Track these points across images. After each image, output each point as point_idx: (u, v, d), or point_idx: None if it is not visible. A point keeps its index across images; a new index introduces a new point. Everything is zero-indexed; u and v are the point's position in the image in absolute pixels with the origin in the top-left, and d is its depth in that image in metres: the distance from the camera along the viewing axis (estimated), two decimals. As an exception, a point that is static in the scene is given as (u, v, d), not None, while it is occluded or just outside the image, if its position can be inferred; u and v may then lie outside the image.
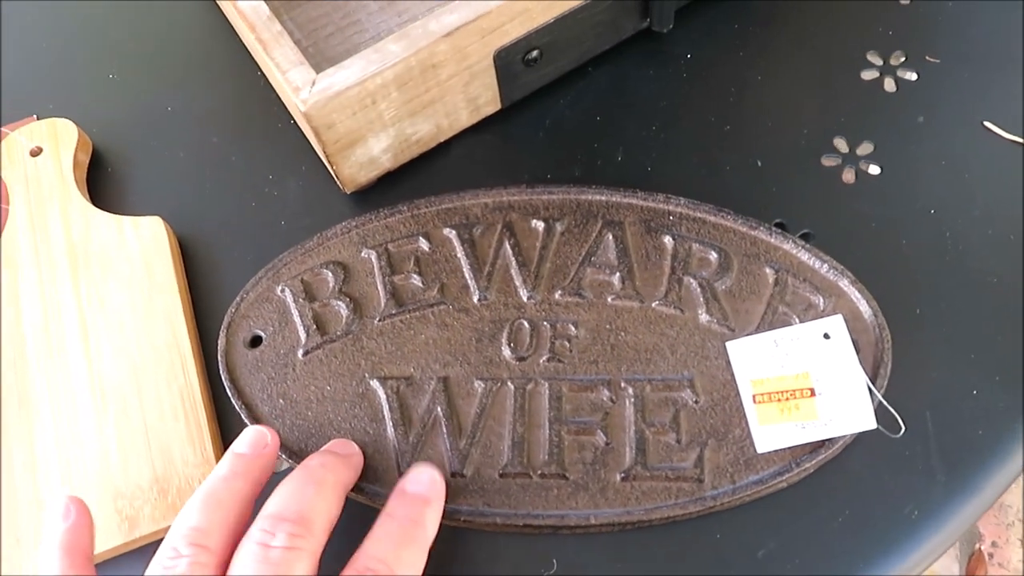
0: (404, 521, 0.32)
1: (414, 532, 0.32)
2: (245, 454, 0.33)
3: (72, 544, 0.31)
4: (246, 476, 0.32)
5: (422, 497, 0.33)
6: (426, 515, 0.32)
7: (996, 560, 1.09)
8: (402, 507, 0.32)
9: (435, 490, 0.33)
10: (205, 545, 0.30)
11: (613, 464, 0.35)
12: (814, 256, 0.38)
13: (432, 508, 0.33)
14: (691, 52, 0.46)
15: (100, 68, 0.49)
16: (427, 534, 0.32)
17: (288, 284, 0.40)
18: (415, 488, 0.33)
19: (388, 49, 0.37)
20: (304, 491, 0.31)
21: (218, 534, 0.30)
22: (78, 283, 0.41)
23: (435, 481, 0.34)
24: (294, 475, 0.32)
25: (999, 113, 0.42)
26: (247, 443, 0.34)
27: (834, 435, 0.34)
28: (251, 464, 0.33)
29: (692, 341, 0.37)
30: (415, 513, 0.32)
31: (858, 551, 0.34)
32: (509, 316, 0.38)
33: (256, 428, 0.34)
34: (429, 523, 0.32)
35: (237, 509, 0.31)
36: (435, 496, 0.33)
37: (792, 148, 0.43)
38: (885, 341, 0.36)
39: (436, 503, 0.33)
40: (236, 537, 0.30)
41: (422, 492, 0.33)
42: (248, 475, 0.32)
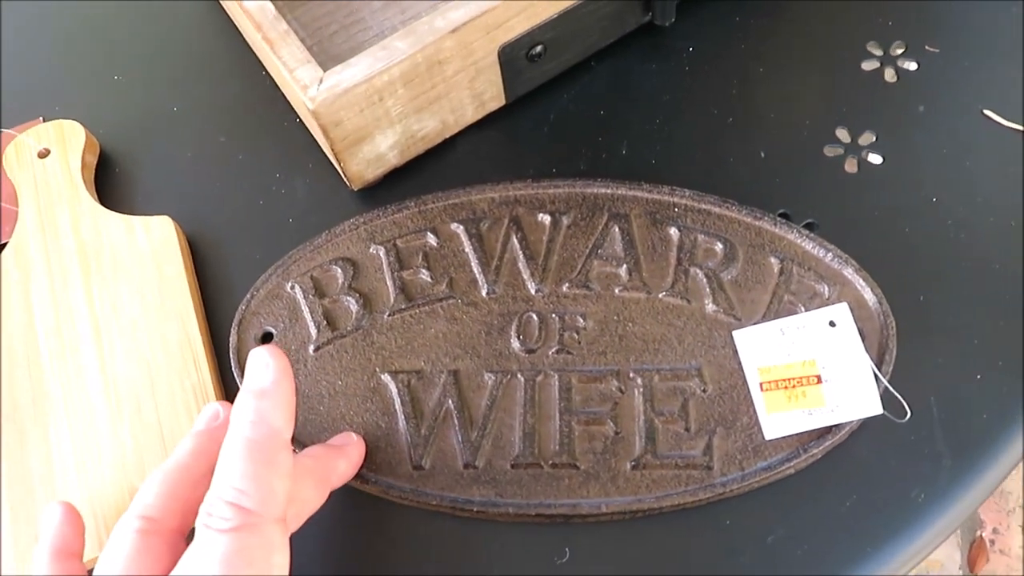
0: (240, 430, 0.28)
1: (271, 443, 0.28)
2: (199, 431, 0.32)
3: (61, 546, 0.31)
4: (197, 454, 0.31)
5: (254, 390, 0.29)
6: (264, 409, 0.28)
7: (997, 547, 1.09)
8: (238, 412, 0.29)
9: (265, 376, 0.29)
10: (153, 518, 0.29)
11: (623, 453, 0.36)
12: (818, 245, 0.39)
13: (269, 396, 0.29)
14: (693, 45, 0.46)
15: (106, 69, 0.49)
16: (273, 428, 0.28)
17: (298, 281, 0.40)
18: (248, 383, 0.29)
19: (395, 46, 0.38)
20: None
21: (169, 512, 0.29)
22: (89, 284, 0.41)
23: (268, 365, 0.29)
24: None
25: (999, 101, 0.43)
26: (202, 420, 0.33)
27: (841, 421, 0.35)
28: (202, 441, 0.31)
29: (699, 331, 0.38)
30: (251, 412, 0.28)
31: (866, 535, 0.34)
32: (518, 309, 0.39)
33: (210, 404, 0.33)
34: (274, 420, 0.28)
35: (189, 486, 0.30)
36: (269, 383, 0.29)
37: (795, 139, 0.43)
38: (890, 328, 0.37)
39: (273, 390, 0.29)
40: (189, 514, 0.29)
41: (254, 386, 0.29)
42: (200, 453, 0.31)
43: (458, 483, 0.36)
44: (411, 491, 0.36)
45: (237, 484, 0.27)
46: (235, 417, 0.29)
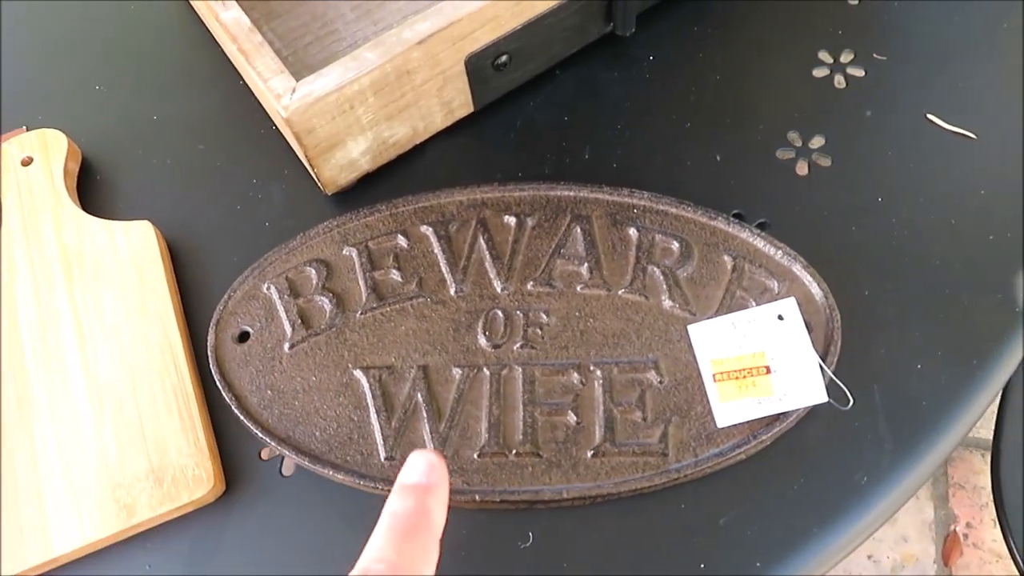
0: (403, 513, 0.30)
1: (416, 522, 0.30)
2: (423, 484, 0.31)
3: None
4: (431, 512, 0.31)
5: (420, 486, 0.31)
6: (428, 503, 0.30)
7: (971, 541, 1.12)
8: (400, 500, 0.30)
9: (434, 475, 0.31)
10: None
11: (584, 442, 0.37)
12: (769, 244, 0.41)
13: (434, 495, 0.31)
14: (653, 54, 0.48)
15: (87, 79, 0.50)
16: (432, 522, 0.30)
17: (273, 282, 0.42)
18: (411, 478, 0.31)
19: (364, 57, 0.40)
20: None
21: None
22: (72, 287, 0.43)
23: (433, 466, 0.31)
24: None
25: (941, 106, 0.45)
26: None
27: (788, 409, 0.37)
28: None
29: (656, 325, 0.40)
30: (416, 504, 0.30)
31: (812, 516, 0.36)
32: (484, 307, 0.41)
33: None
34: (433, 510, 0.30)
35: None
36: (436, 481, 0.31)
37: (749, 143, 0.45)
38: (835, 321, 0.39)
39: (438, 489, 0.31)
40: None
41: (420, 480, 0.31)
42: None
43: (427, 472, 0.37)
44: (382, 481, 0.37)
45: (397, 560, 0.28)
46: (402, 497, 0.30)
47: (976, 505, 1.14)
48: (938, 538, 1.12)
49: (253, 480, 0.39)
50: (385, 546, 0.29)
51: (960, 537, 1.12)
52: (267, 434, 0.39)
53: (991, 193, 0.43)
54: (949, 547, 1.11)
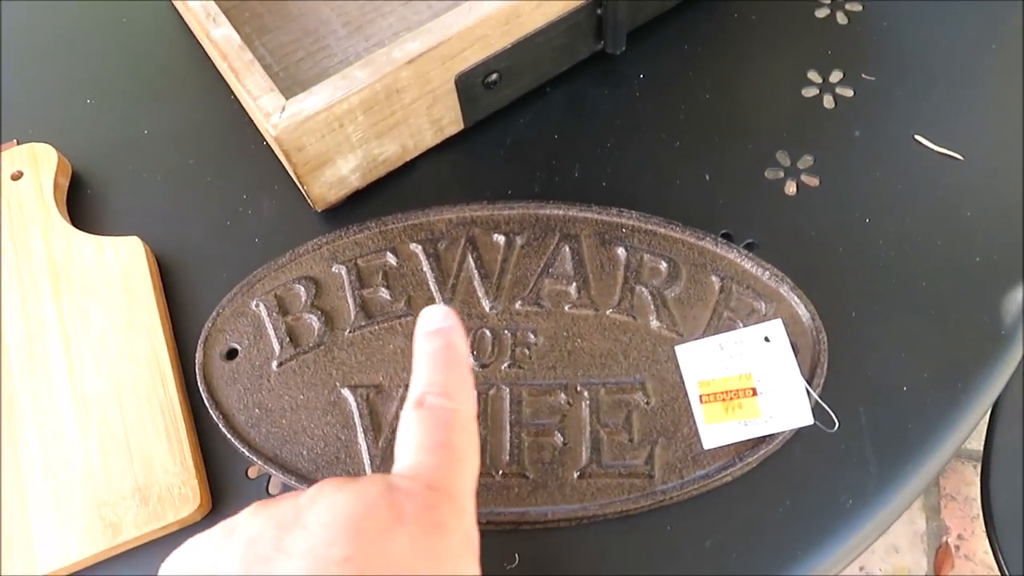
0: (436, 350, 0.31)
1: (449, 355, 0.31)
2: (444, 327, 0.32)
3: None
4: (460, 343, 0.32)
5: (442, 328, 0.32)
6: (453, 338, 0.32)
7: (963, 552, 1.12)
8: (428, 341, 0.32)
9: (451, 319, 0.33)
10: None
11: (570, 463, 0.37)
12: (757, 264, 0.41)
13: (455, 331, 0.32)
14: (643, 72, 0.48)
15: (78, 93, 0.50)
16: (460, 353, 0.32)
17: (262, 299, 0.42)
18: (432, 325, 0.32)
19: (354, 76, 0.40)
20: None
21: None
22: (60, 302, 0.43)
23: (447, 312, 0.33)
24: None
25: (929, 127, 0.45)
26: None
27: (774, 431, 0.37)
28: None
29: (644, 346, 0.40)
30: (442, 340, 0.32)
31: (797, 538, 0.36)
32: (472, 325, 0.41)
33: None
34: (458, 344, 0.32)
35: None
36: (453, 323, 0.32)
37: (738, 162, 0.45)
38: (822, 343, 0.39)
39: (457, 327, 0.32)
40: None
41: (441, 325, 0.32)
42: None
43: (413, 492, 0.37)
44: (368, 500, 0.37)
45: (444, 383, 0.31)
46: (431, 339, 0.32)
47: (968, 517, 1.14)
48: (930, 549, 1.12)
49: (239, 499, 0.39)
50: (431, 376, 0.31)
51: (952, 548, 1.12)
52: (254, 453, 0.39)
53: (978, 215, 0.43)
54: (941, 559, 1.11)
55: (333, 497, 0.27)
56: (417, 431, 0.30)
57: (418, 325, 0.33)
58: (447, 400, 0.30)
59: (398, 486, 0.28)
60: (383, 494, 0.27)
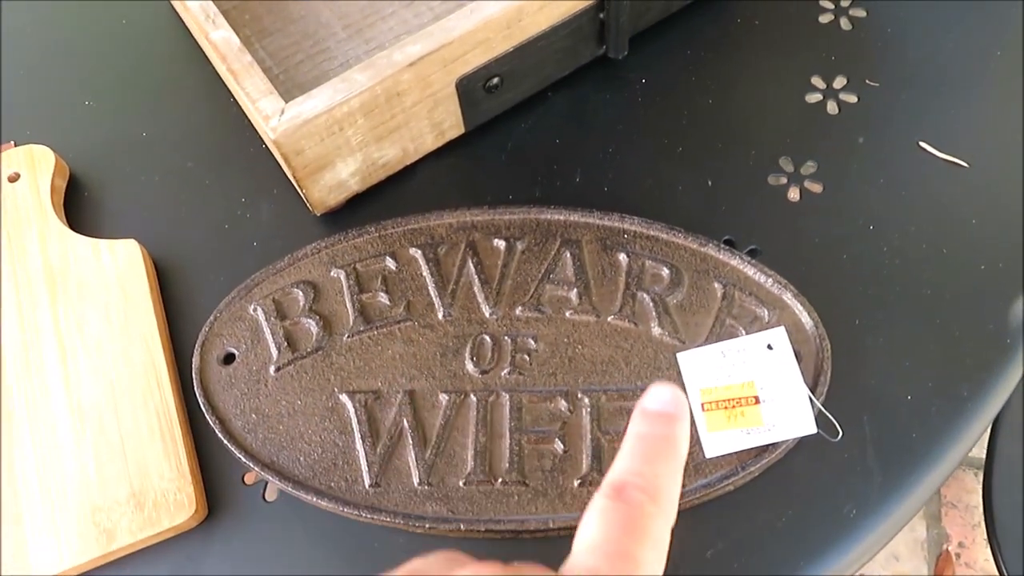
0: (653, 437, 0.29)
1: (666, 448, 0.28)
2: (669, 412, 0.30)
3: None
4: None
5: (668, 413, 0.29)
6: (676, 431, 0.29)
7: (963, 560, 1.11)
8: (648, 424, 0.29)
9: (680, 406, 0.30)
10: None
11: (571, 471, 0.37)
12: (759, 271, 0.40)
13: (681, 424, 0.29)
14: (645, 77, 0.48)
15: (76, 95, 0.50)
16: (679, 451, 0.29)
17: (260, 303, 0.41)
18: (658, 405, 0.30)
19: (354, 79, 0.39)
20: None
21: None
22: (56, 305, 0.42)
23: (679, 398, 0.30)
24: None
25: (934, 134, 0.45)
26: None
27: (777, 440, 0.36)
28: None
29: (645, 353, 0.39)
30: (664, 429, 0.29)
31: (801, 549, 0.36)
32: (472, 331, 0.40)
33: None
34: (680, 439, 0.29)
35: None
36: (682, 412, 0.30)
37: (741, 168, 0.45)
38: (825, 351, 0.38)
39: (684, 419, 0.29)
40: None
41: (667, 409, 0.29)
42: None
43: (411, 500, 0.37)
44: (366, 508, 0.37)
45: (654, 479, 0.28)
46: (654, 422, 0.29)
47: (968, 524, 1.14)
48: (930, 557, 1.12)
49: (236, 505, 0.38)
50: (641, 465, 0.28)
51: (952, 556, 1.11)
52: (251, 459, 0.38)
53: (983, 222, 0.42)
54: (941, 566, 1.11)
55: None
56: (604, 527, 0.27)
57: (643, 399, 0.30)
58: (650, 501, 0.27)
59: None
60: None
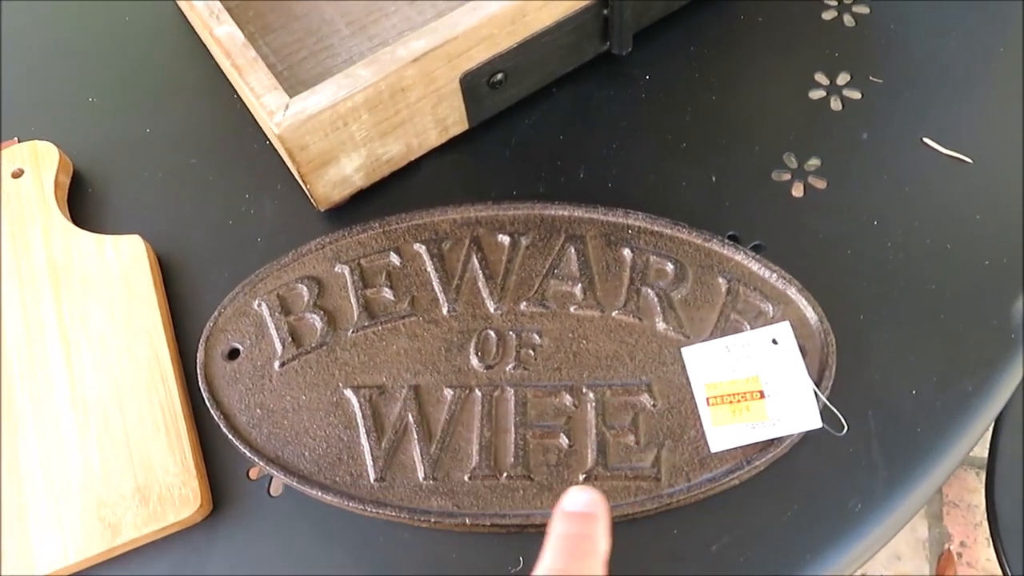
0: (572, 536, 0.31)
1: (585, 546, 0.30)
2: (588, 512, 0.32)
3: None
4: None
5: (585, 514, 0.31)
6: (594, 529, 0.31)
7: (965, 559, 1.11)
8: (567, 525, 0.31)
9: (597, 507, 0.32)
10: None
11: (576, 465, 0.37)
12: (764, 266, 0.40)
13: (599, 523, 0.31)
14: (649, 74, 0.48)
15: (80, 92, 0.50)
16: (599, 548, 0.31)
17: (264, 299, 0.41)
18: (577, 507, 0.32)
19: (358, 74, 0.39)
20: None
21: None
22: (60, 300, 0.42)
23: (595, 500, 0.32)
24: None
25: (937, 130, 0.45)
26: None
27: (782, 434, 0.36)
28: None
29: (650, 348, 0.39)
30: (583, 528, 0.31)
31: (806, 543, 0.36)
32: (477, 326, 0.40)
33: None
34: (598, 537, 0.31)
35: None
36: (600, 512, 0.32)
37: (745, 164, 0.45)
38: (830, 345, 0.38)
39: (602, 519, 0.31)
40: None
41: (585, 509, 0.32)
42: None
43: (417, 495, 0.37)
44: (371, 502, 0.37)
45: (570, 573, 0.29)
46: (571, 523, 0.31)
47: (970, 524, 1.14)
48: (932, 556, 1.12)
49: (240, 500, 0.38)
50: (557, 564, 0.30)
51: (954, 556, 1.11)
52: (255, 453, 0.38)
53: (987, 218, 0.42)
54: (943, 566, 1.11)
55: None
56: None
57: (562, 502, 0.32)
58: None
59: None
60: None
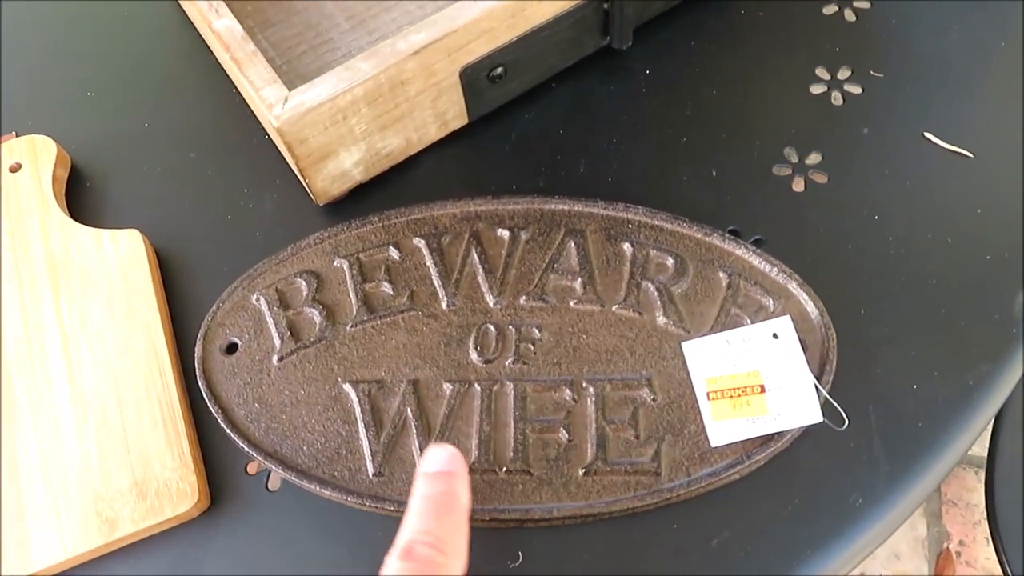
0: (435, 495, 0.32)
1: (447, 501, 0.32)
2: (447, 471, 0.33)
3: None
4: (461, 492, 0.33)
5: (445, 472, 0.33)
6: (455, 485, 0.32)
7: (964, 558, 1.11)
8: (429, 485, 0.33)
9: (456, 463, 0.33)
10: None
11: (575, 460, 0.37)
12: (765, 261, 0.40)
13: (459, 479, 0.33)
14: (649, 68, 0.48)
15: (79, 86, 0.50)
16: (460, 502, 0.32)
17: (263, 293, 0.41)
18: (435, 467, 0.33)
19: (358, 67, 0.39)
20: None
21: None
22: (58, 295, 0.42)
23: (454, 456, 0.34)
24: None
25: (939, 124, 0.45)
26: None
27: (783, 429, 0.36)
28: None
29: (650, 342, 0.39)
30: (443, 485, 0.32)
31: (806, 538, 0.36)
32: (476, 321, 0.40)
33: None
34: (460, 492, 0.32)
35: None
36: (458, 468, 0.33)
37: (745, 159, 0.45)
38: (831, 340, 0.38)
39: (461, 474, 0.33)
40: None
41: (444, 468, 0.33)
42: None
43: (416, 489, 0.37)
44: (370, 497, 0.37)
45: (438, 533, 0.31)
46: (431, 482, 0.33)
47: (969, 523, 1.14)
48: (931, 555, 1.12)
49: (238, 495, 0.38)
50: (423, 523, 0.31)
51: (953, 555, 1.11)
52: (254, 448, 0.38)
53: (988, 213, 0.42)
54: (942, 565, 1.10)
55: None
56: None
57: (422, 464, 0.33)
58: (437, 554, 0.30)
59: None
60: None
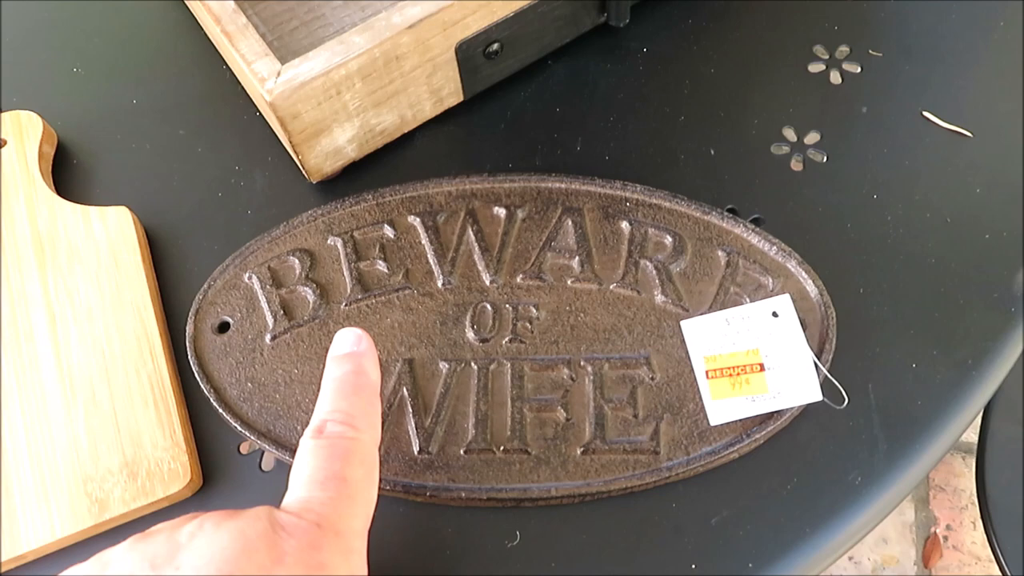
0: (343, 375, 0.32)
1: (356, 380, 0.32)
2: (355, 351, 0.34)
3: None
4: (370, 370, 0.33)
5: (353, 352, 0.33)
6: (362, 363, 0.33)
7: (951, 543, 1.12)
8: (337, 366, 0.33)
9: (362, 343, 0.34)
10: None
11: (573, 439, 0.37)
12: (764, 239, 0.40)
13: (367, 357, 0.33)
14: (647, 46, 0.47)
15: (65, 61, 0.49)
16: (370, 379, 0.33)
17: (255, 271, 0.40)
18: (343, 349, 0.34)
19: (352, 41, 0.39)
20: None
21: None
22: (45, 274, 0.41)
23: (360, 337, 0.34)
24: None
25: (937, 104, 0.45)
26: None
27: (782, 407, 0.36)
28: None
29: (648, 321, 0.39)
30: (351, 365, 0.33)
31: (805, 517, 0.35)
32: (472, 300, 0.40)
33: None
34: (368, 369, 0.33)
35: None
36: (365, 348, 0.34)
37: (743, 137, 0.44)
38: (830, 319, 0.38)
39: (369, 352, 0.33)
40: None
41: (351, 349, 0.33)
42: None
43: (412, 469, 0.36)
44: (365, 477, 0.36)
45: (348, 410, 0.31)
46: (340, 364, 0.33)
47: (956, 508, 1.15)
48: (918, 540, 1.13)
49: (231, 475, 0.38)
50: (335, 403, 0.32)
51: (940, 539, 1.12)
52: (246, 428, 0.37)
53: (987, 192, 0.42)
54: (929, 549, 1.11)
55: (211, 535, 0.26)
56: (311, 461, 0.29)
57: (331, 349, 0.34)
58: (349, 429, 0.30)
59: (282, 523, 0.27)
60: (264, 533, 0.26)
